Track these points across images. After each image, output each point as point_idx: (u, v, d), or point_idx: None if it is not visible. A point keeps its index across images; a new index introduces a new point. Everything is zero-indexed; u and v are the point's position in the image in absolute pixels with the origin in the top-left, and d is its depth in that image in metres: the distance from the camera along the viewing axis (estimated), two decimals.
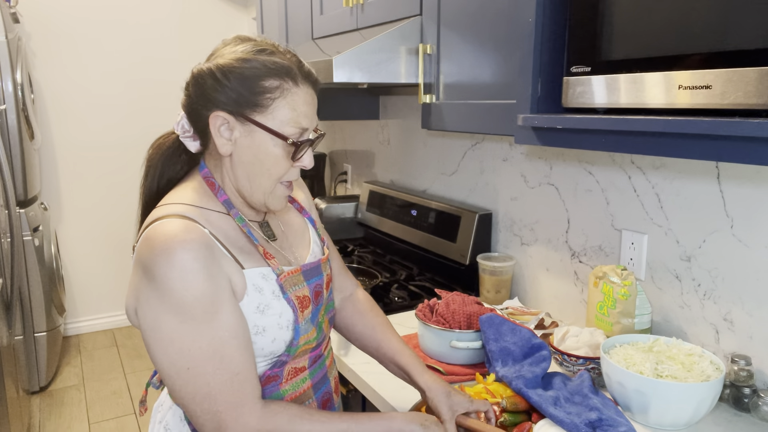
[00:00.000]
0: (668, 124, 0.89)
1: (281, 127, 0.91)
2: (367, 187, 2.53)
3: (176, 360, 0.85)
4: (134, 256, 0.89)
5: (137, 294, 0.87)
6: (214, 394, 0.85)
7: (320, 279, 1.05)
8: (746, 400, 1.19)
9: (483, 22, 1.40)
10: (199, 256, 0.85)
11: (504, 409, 1.08)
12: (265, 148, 0.92)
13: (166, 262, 0.83)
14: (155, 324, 0.85)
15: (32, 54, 3.60)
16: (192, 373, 0.85)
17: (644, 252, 1.44)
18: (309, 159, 0.97)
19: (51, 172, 3.75)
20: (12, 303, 2.51)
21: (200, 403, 0.85)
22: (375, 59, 1.61)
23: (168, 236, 0.85)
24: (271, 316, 0.93)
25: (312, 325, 1.02)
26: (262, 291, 0.93)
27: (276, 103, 0.91)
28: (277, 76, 0.91)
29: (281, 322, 0.95)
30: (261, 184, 0.94)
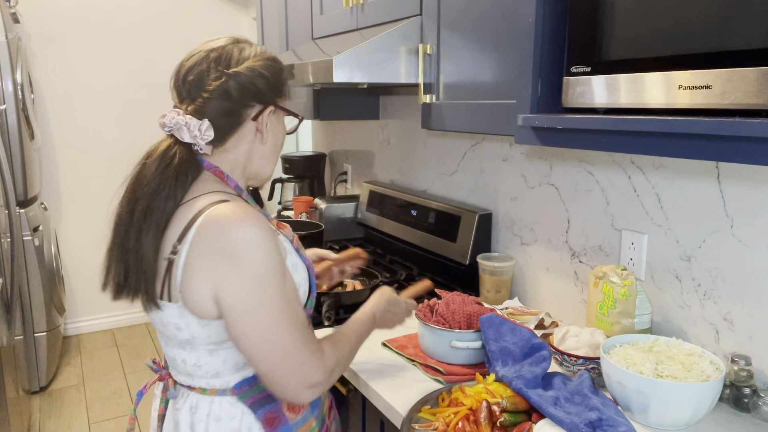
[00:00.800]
0: (668, 124, 0.89)
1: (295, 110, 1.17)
2: (367, 187, 2.53)
3: (264, 326, 0.92)
4: (192, 247, 0.92)
5: (214, 278, 0.91)
6: (294, 351, 0.94)
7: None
8: (746, 400, 1.19)
9: (483, 22, 1.40)
10: (265, 228, 0.94)
11: (504, 409, 1.08)
12: (282, 128, 1.11)
13: (244, 238, 0.91)
14: (243, 296, 0.91)
15: (32, 54, 3.60)
16: (276, 335, 0.93)
17: (644, 252, 1.44)
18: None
19: (51, 172, 3.75)
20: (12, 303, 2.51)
21: (285, 361, 0.94)
22: (375, 59, 1.61)
23: (235, 216, 0.92)
24: (298, 273, 1.06)
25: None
26: (291, 253, 1.06)
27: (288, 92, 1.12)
28: (286, 70, 1.11)
29: (303, 277, 1.08)
30: (273, 159, 1.11)
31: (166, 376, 1.09)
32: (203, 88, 0.99)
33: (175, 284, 0.94)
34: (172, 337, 1.01)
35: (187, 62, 1.02)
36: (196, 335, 0.98)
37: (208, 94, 0.99)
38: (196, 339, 0.98)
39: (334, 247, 2.41)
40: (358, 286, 1.79)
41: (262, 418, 1.03)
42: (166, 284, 0.95)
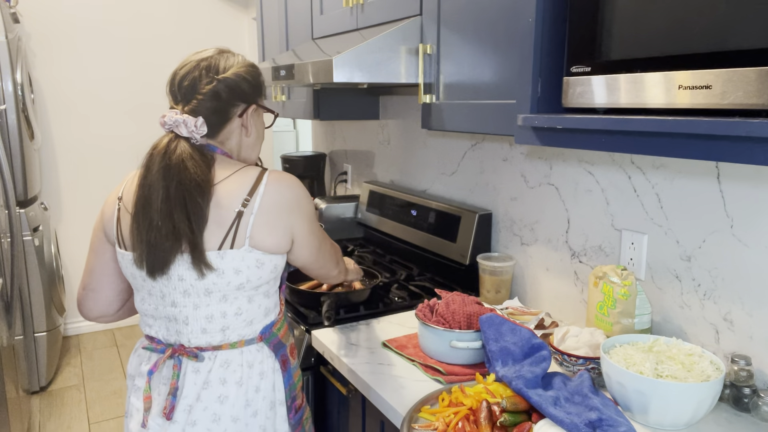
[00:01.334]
0: (668, 124, 0.89)
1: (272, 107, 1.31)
2: (367, 187, 2.53)
3: (320, 241, 1.31)
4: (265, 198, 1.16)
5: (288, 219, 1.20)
6: (333, 251, 1.41)
7: None
8: (746, 400, 1.19)
9: (483, 22, 1.40)
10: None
11: (504, 409, 1.08)
12: (262, 123, 1.32)
13: (301, 192, 1.22)
14: (309, 229, 1.25)
15: (32, 54, 3.60)
16: (329, 252, 1.38)
17: (644, 252, 1.44)
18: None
19: (51, 172, 3.75)
20: (12, 303, 2.51)
21: (335, 263, 1.42)
22: (375, 59, 1.61)
23: (291, 178, 1.22)
24: None
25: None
26: None
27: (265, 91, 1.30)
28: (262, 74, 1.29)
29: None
30: (259, 149, 1.32)
31: (180, 349, 1.19)
32: (197, 91, 1.18)
33: (245, 230, 1.14)
34: (223, 287, 1.15)
35: (180, 71, 1.21)
36: (251, 277, 1.16)
37: (202, 96, 1.18)
38: (250, 281, 1.17)
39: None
40: (358, 286, 1.79)
41: (280, 360, 1.25)
42: (234, 233, 1.13)
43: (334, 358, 1.48)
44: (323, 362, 1.59)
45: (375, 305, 1.78)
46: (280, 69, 1.95)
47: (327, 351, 1.52)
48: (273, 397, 1.24)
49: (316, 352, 1.60)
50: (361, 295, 1.75)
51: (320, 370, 1.62)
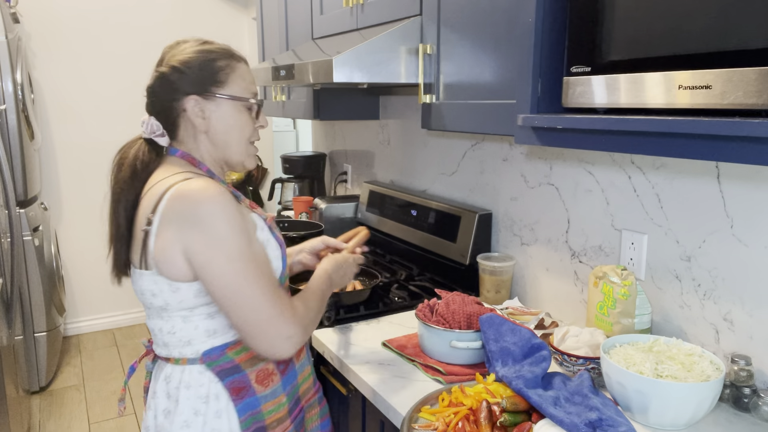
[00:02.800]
0: (668, 124, 0.89)
1: (241, 93, 1.15)
2: (367, 187, 2.53)
3: (234, 281, 1.02)
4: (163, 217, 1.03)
5: (184, 242, 1.02)
6: (265, 304, 1.04)
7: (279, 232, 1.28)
8: (746, 400, 1.19)
9: (483, 22, 1.40)
10: (227, 197, 1.03)
11: (504, 409, 1.08)
12: (233, 114, 1.14)
13: (208, 205, 1.01)
14: (212, 256, 1.01)
15: (32, 54, 3.60)
16: (246, 289, 1.02)
17: (644, 252, 1.44)
18: (264, 119, 1.22)
19: (51, 172, 3.75)
20: (12, 303, 2.51)
21: (256, 313, 1.03)
22: (375, 59, 1.61)
23: (199, 187, 1.02)
24: (270, 249, 1.15)
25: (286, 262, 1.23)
26: (263, 229, 1.15)
27: (230, 77, 1.14)
28: (223, 57, 1.14)
29: (276, 254, 1.17)
30: (238, 146, 1.16)
31: (151, 351, 1.21)
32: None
33: (150, 252, 1.05)
34: (149, 305, 1.12)
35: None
36: (169, 301, 1.07)
37: (146, 94, 1.14)
38: (170, 305, 1.08)
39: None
40: (358, 286, 1.79)
41: (229, 386, 1.10)
42: (144, 253, 1.06)
43: (334, 358, 1.48)
44: (323, 362, 1.59)
45: (375, 305, 1.78)
46: (280, 69, 1.95)
47: (327, 351, 1.52)
48: (218, 426, 1.10)
49: (316, 352, 1.60)
50: (361, 295, 1.75)
51: (320, 370, 1.62)
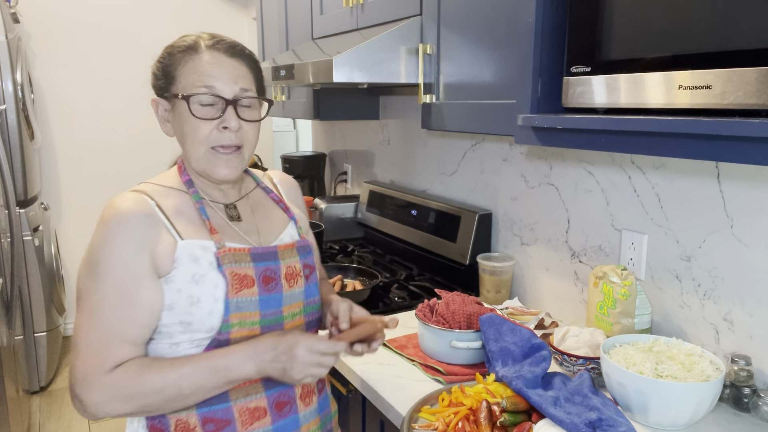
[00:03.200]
0: (668, 124, 0.89)
1: (185, 90, 1.01)
2: (367, 187, 2.53)
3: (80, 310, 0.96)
4: None
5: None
6: (82, 349, 0.94)
7: (274, 265, 1.06)
8: (746, 400, 1.19)
9: (483, 22, 1.40)
10: (129, 226, 0.96)
11: (504, 409, 1.08)
12: (185, 115, 1.01)
13: (101, 228, 0.96)
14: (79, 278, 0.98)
15: (32, 54, 3.60)
16: (78, 326, 0.95)
17: (644, 252, 1.44)
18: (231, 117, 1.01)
19: (51, 172, 3.75)
20: (12, 303, 2.51)
21: (74, 354, 0.95)
22: (375, 59, 1.61)
23: (112, 206, 0.97)
24: (206, 286, 0.98)
25: (258, 309, 1.02)
26: (199, 261, 0.99)
27: (179, 71, 1.02)
28: (180, 51, 1.03)
29: (216, 294, 0.99)
30: (194, 151, 1.03)
31: None
32: None
33: None
34: None
35: None
36: None
37: None
38: None
39: (334, 248, 2.41)
40: (359, 286, 1.79)
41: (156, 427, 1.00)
42: None
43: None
44: None
45: (375, 305, 1.78)
46: (280, 69, 1.95)
47: None
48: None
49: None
50: (361, 295, 1.75)
51: None
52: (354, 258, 2.31)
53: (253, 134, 1.05)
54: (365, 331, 1.05)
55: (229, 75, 1.02)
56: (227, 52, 1.03)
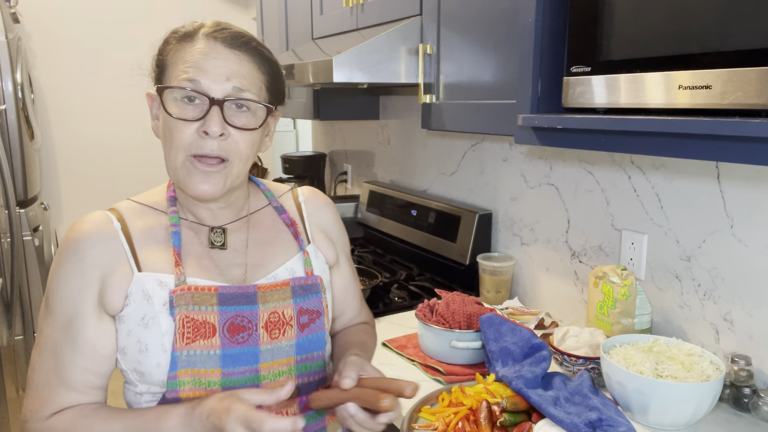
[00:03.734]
0: (668, 124, 0.89)
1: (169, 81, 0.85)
2: (367, 187, 2.53)
3: (35, 345, 0.87)
4: None
5: None
6: (28, 390, 0.85)
7: (248, 311, 0.86)
8: (746, 400, 1.19)
9: (483, 22, 1.40)
10: (80, 248, 0.84)
11: (504, 409, 1.08)
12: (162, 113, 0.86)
13: (59, 249, 0.86)
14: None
15: (32, 54, 3.60)
16: (33, 359, 0.86)
17: (644, 252, 1.44)
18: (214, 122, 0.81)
19: (51, 172, 3.75)
20: (12, 303, 2.51)
21: (26, 391, 0.87)
22: (375, 59, 1.61)
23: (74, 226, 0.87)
24: (154, 332, 0.82)
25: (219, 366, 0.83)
26: (151, 300, 0.83)
27: (169, 60, 0.86)
28: (176, 38, 0.88)
29: (165, 342, 0.82)
30: (170, 158, 0.85)
31: None
32: None
33: None
34: None
35: None
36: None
37: None
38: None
39: None
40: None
41: None
42: None
43: None
44: None
45: (375, 305, 1.78)
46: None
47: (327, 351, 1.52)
48: None
49: None
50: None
51: None
52: (354, 258, 2.31)
53: (244, 145, 0.85)
54: (368, 397, 0.78)
55: (221, 69, 0.83)
56: (226, 41, 0.86)
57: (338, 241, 1.07)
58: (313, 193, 1.06)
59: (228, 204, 0.93)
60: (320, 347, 0.92)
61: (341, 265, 1.06)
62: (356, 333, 1.07)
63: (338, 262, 1.04)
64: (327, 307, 0.95)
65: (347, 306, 1.09)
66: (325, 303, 0.94)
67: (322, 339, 0.93)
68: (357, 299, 1.11)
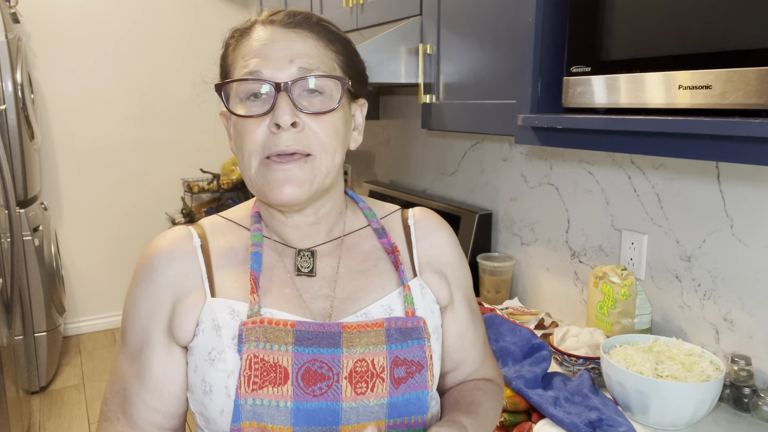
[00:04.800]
0: (668, 124, 0.89)
1: (234, 74, 0.75)
2: (367, 187, 2.53)
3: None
4: None
5: None
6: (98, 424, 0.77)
7: (328, 355, 0.70)
8: (746, 400, 1.19)
9: (483, 22, 1.40)
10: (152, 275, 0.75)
11: (504, 409, 1.08)
12: (230, 118, 0.75)
13: (136, 267, 0.77)
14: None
15: (32, 54, 3.60)
16: (105, 390, 0.78)
17: (644, 252, 1.44)
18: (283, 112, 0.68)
19: (51, 172, 3.75)
20: (12, 303, 2.51)
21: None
22: (375, 59, 1.61)
23: (152, 243, 0.78)
24: (219, 371, 0.70)
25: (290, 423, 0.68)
26: (221, 332, 0.71)
27: (230, 62, 0.76)
28: (233, 37, 0.77)
29: (229, 385, 0.69)
30: (245, 167, 0.73)
31: None
32: None
33: None
34: None
35: None
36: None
37: None
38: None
39: None
40: None
41: None
42: None
43: None
44: None
45: None
46: None
47: None
48: None
49: None
50: None
51: None
52: None
53: (325, 134, 0.72)
54: None
55: (282, 52, 0.71)
56: (283, 22, 0.73)
57: (454, 276, 0.85)
58: (426, 215, 0.87)
59: (318, 218, 0.78)
60: (421, 410, 0.72)
61: (456, 306, 0.85)
62: (470, 391, 0.85)
63: (453, 303, 0.84)
64: (431, 358, 0.74)
65: (464, 358, 0.87)
66: (430, 353, 0.74)
67: (424, 399, 0.72)
68: (478, 350, 0.88)
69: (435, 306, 0.81)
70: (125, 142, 3.86)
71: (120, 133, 3.87)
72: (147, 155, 3.85)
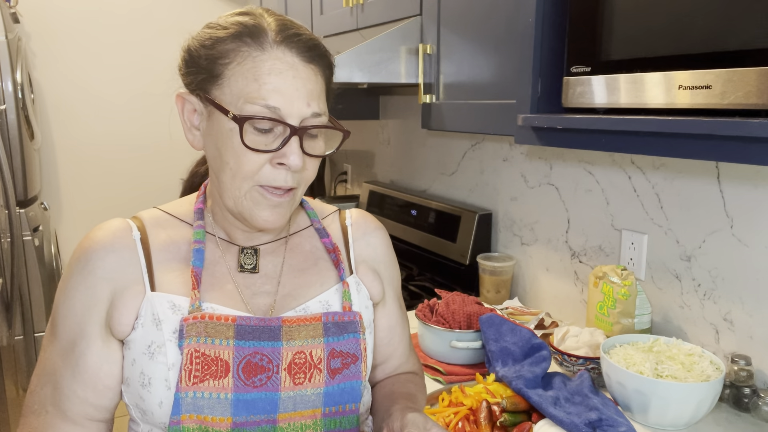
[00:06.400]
0: (668, 124, 0.89)
1: (234, 102, 0.70)
2: (367, 187, 2.53)
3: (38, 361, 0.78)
4: None
5: None
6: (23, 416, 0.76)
7: (269, 348, 0.73)
8: (746, 400, 1.19)
9: (483, 22, 1.40)
10: (90, 259, 0.74)
11: (504, 409, 1.08)
12: (223, 133, 0.71)
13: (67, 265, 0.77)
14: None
15: (32, 54, 3.61)
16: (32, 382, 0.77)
17: (644, 252, 1.44)
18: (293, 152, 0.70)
19: (51, 172, 3.75)
20: (12, 303, 2.51)
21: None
22: (375, 59, 1.61)
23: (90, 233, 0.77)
24: (159, 364, 0.71)
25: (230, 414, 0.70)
26: (161, 326, 0.72)
27: (230, 70, 0.71)
28: (236, 37, 0.72)
29: (170, 378, 0.71)
30: (232, 186, 0.72)
31: None
32: None
33: None
34: None
35: None
36: None
37: None
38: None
39: None
40: None
41: None
42: None
43: None
44: None
45: None
46: None
47: None
48: None
49: None
50: None
51: None
52: None
53: (312, 171, 0.77)
54: None
55: (301, 91, 0.71)
56: (303, 53, 0.72)
57: (386, 274, 0.91)
58: (363, 216, 0.92)
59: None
60: (354, 399, 0.76)
61: (388, 302, 0.90)
62: (403, 383, 0.90)
63: (384, 299, 0.90)
64: (366, 350, 0.79)
65: (392, 351, 0.92)
66: (364, 345, 0.79)
67: (358, 389, 0.76)
68: (405, 344, 0.94)
69: (369, 302, 0.86)
70: (125, 142, 3.86)
71: (120, 133, 3.87)
72: (147, 155, 3.85)
